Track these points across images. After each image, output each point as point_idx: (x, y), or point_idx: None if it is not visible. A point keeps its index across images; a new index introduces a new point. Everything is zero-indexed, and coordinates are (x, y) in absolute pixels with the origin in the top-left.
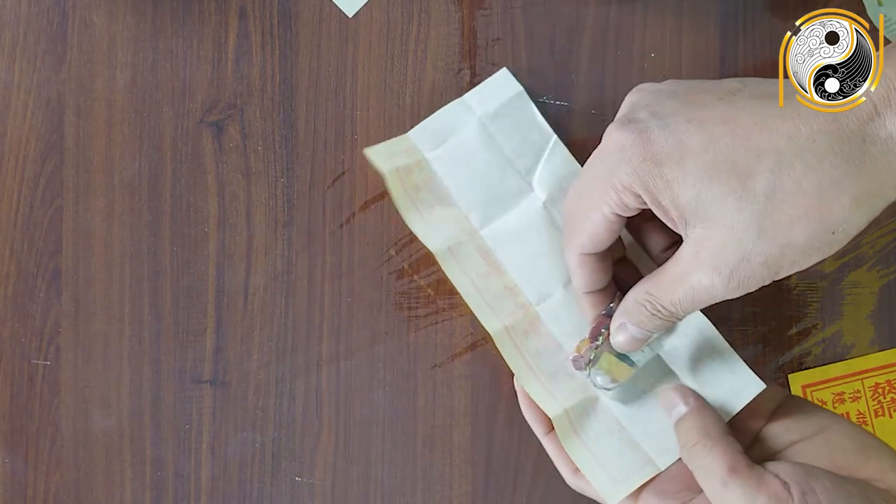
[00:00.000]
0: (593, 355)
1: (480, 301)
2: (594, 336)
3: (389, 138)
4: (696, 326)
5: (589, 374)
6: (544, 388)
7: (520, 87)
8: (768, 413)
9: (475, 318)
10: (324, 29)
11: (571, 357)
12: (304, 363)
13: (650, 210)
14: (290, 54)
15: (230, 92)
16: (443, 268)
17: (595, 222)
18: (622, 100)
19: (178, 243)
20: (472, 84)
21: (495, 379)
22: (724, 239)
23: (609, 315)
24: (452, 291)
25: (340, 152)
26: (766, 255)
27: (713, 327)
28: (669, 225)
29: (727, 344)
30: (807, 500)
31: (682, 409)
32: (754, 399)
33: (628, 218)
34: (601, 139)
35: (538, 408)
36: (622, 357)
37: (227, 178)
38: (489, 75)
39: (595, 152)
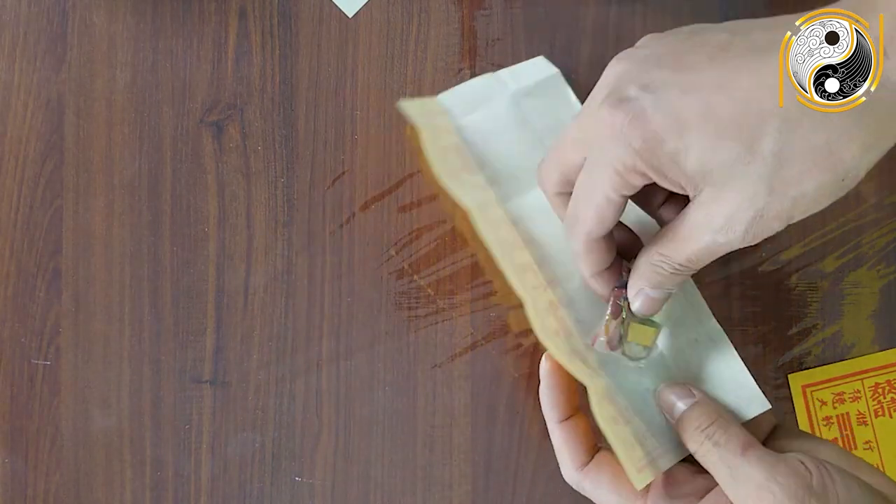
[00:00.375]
0: (623, 330)
1: (509, 266)
2: (616, 312)
3: (389, 138)
4: (708, 335)
5: (624, 350)
6: (568, 362)
7: (556, 70)
8: (761, 440)
9: (475, 318)
10: (324, 29)
11: (603, 339)
12: (304, 363)
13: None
14: (290, 54)
15: (230, 92)
16: (475, 226)
17: (601, 206)
18: None
19: (178, 243)
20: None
21: (495, 379)
22: (736, 201)
23: (622, 286)
24: (452, 291)
25: (340, 152)
26: (778, 209)
27: (725, 336)
28: (678, 191)
29: (738, 357)
30: (820, 470)
31: (684, 404)
32: (750, 426)
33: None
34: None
35: (559, 392)
36: (645, 321)
37: (227, 178)
38: None
39: (577, 126)
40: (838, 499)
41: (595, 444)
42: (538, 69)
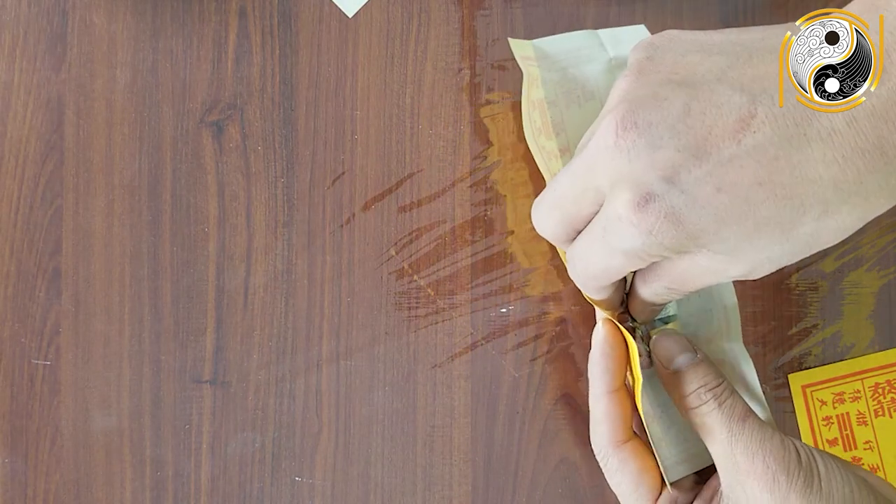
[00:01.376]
0: (647, 349)
1: None
2: (632, 332)
3: (389, 138)
4: (734, 355)
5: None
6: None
7: None
8: None
9: (475, 318)
10: (324, 29)
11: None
12: (304, 363)
13: None
14: (290, 54)
15: (230, 92)
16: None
17: (618, 272)
18: None
19: (178, 243)
20: (472, 84)
21: (495, 379)
22: (758, 260)
23: (624, 310)
24: (452, 291)
25: (340, 152)
26: (797, 257)
27: (750, 360)
28: None
29: (759, 384)
30: (805, 449)
31: (687, 357)
32: None
33: None
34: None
35: (613, 360)
36: (665, 320)
37: (227, 178)
38: (489, 75)
39: (587, 171)
40: (820, 477)
41: (632, 426)
42: (639, 39)
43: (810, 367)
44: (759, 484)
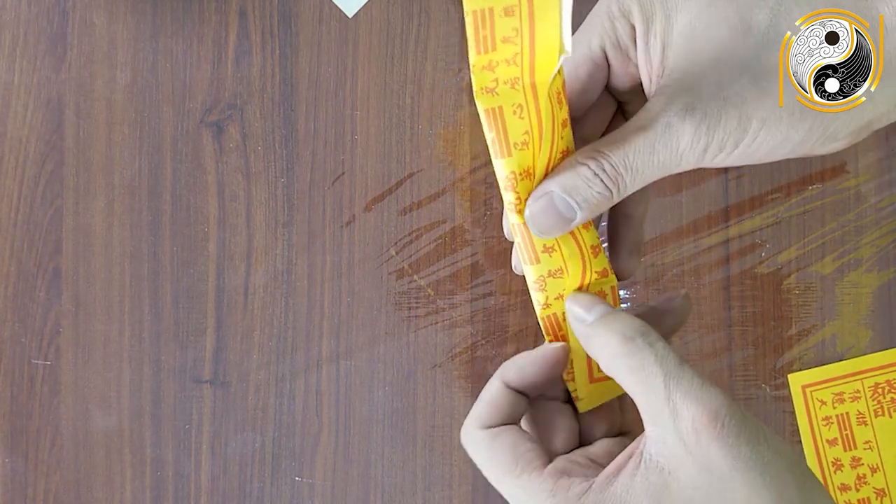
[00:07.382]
0: None
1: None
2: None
3: (389, 138)
4: None
5: None
6: None
7: None
8: None
9: (475, 318)
10: (324, 29)
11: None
12: (304, 363)
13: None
14: (290, 54)
15: (230, 92)
16: None
17: (577, 61)
18: None
19: (178, 243)
20: (473, 83)
21: None
22: (706, 73)
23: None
24: (452, 291)
25: (340, 152)
26: (744, 98)
27: None
28: (643, 76)
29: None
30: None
31: (608, 307)
32: None
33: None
34: None
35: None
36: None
37: (227, 178)
38: None
39: None
40: (765, 432)
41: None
42: None
43: (810, 368)
44: (705, 433)
